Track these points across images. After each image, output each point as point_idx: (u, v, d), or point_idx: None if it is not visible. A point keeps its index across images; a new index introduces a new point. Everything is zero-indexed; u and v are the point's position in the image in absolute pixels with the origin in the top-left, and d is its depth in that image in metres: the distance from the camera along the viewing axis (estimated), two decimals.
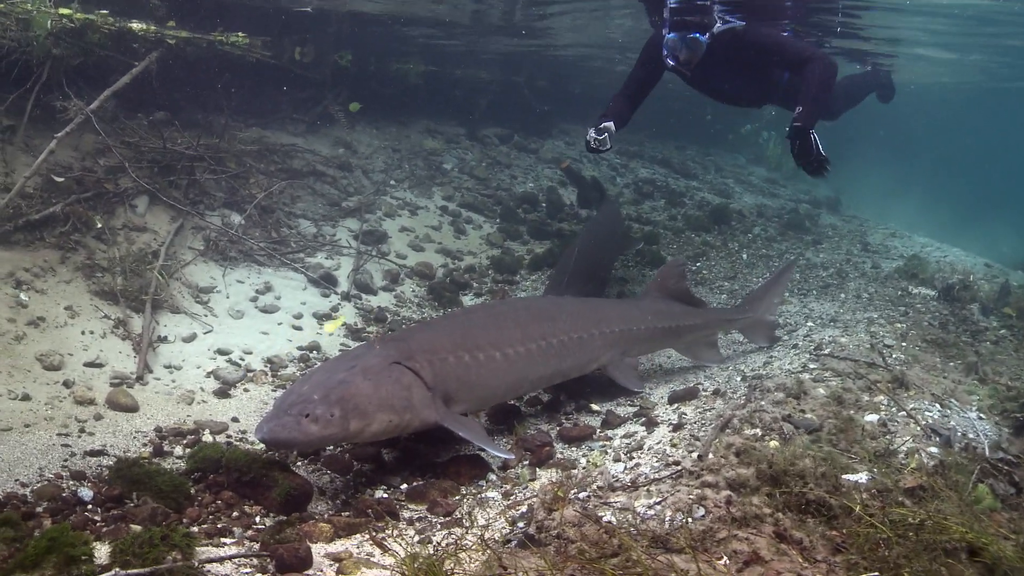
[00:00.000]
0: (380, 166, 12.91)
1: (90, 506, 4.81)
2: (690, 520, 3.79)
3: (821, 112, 7.35)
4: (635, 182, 15.61)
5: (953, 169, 32.65)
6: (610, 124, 7.88)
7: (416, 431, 5.64)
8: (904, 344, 7.45)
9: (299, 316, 8.57)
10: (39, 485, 5.04)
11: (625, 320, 7.18)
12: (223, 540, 4.54)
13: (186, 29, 10.20)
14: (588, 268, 9.07)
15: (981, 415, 5.88)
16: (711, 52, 7.66)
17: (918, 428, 5.38)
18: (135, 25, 9.59)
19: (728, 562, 3.46)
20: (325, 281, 9.25)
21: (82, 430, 5.96)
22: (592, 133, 7.81)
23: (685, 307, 7.70)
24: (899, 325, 8.17)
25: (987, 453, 4.95)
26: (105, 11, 9.32)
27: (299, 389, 5.22)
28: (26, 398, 6.18)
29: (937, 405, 5.89)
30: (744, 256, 12.21)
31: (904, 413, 5.59)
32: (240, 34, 10.64)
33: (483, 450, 5.72)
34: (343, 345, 8.23)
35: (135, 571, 3.69)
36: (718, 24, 7.68)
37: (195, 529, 4.65)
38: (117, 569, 3.70)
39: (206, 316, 8.11)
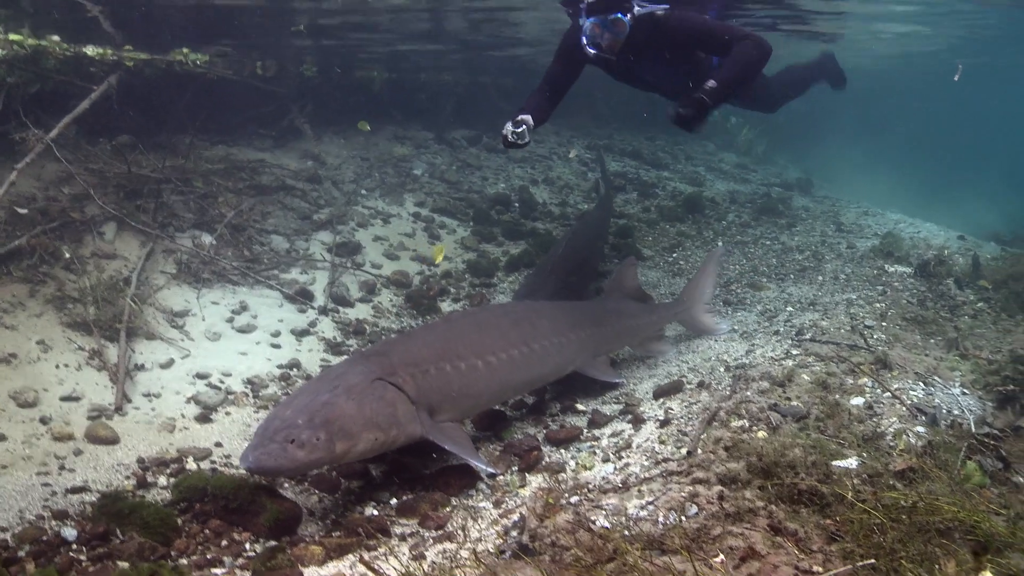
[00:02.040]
0: (350, 176, 12.82)
1: (74, 546, 4.72)
2: (683, 519, 3.77)
3: (729, 95, 6.89)
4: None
5: (921, 143, 32.91)
6: (527, 118, 7.25)
7: (402, 446, 5.57)
8: (884, 324, 7.47)
9: (277, 334, 8.48)
10: (20, 528, 4.94)
11: (595, 321, 7.23)
12: (213, 571, 4.47)
13: (144, 51, 10.08)
14: (576, 261, 9.04)
15: (965, 390, 5.90)
16: (632, 39, 7.18)
17: (904, 408, 5.39)
18: (90, 50, 9.46)
19: (724, 559, 3.43)
20: (301, 296, 9.16)
21: (62, 467, 5.85)
22: (509, 127, 7.20)
23: (640, 304, 7.88)
24: (878, 305, 8.20)
25: (973, 429, 4.96)
26: (56, 37, 9.18)
27: (282, 414, 5.12)
28: (2, 438, 6.05)
29: (921, 383, 5.91)
30: (720, 244, 12.22)
31: (889, 394, 5.60)
32: (185, 49, 10.51)
33: (462, 458, 5.68)
34: (323, 360, 8.16)
35: None
36: (637, 7, 7.13)
37: (184, 561, 4.58)
38: None
39: (182, 340, 8.00)
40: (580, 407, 6.99)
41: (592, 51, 7.24)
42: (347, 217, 11.33)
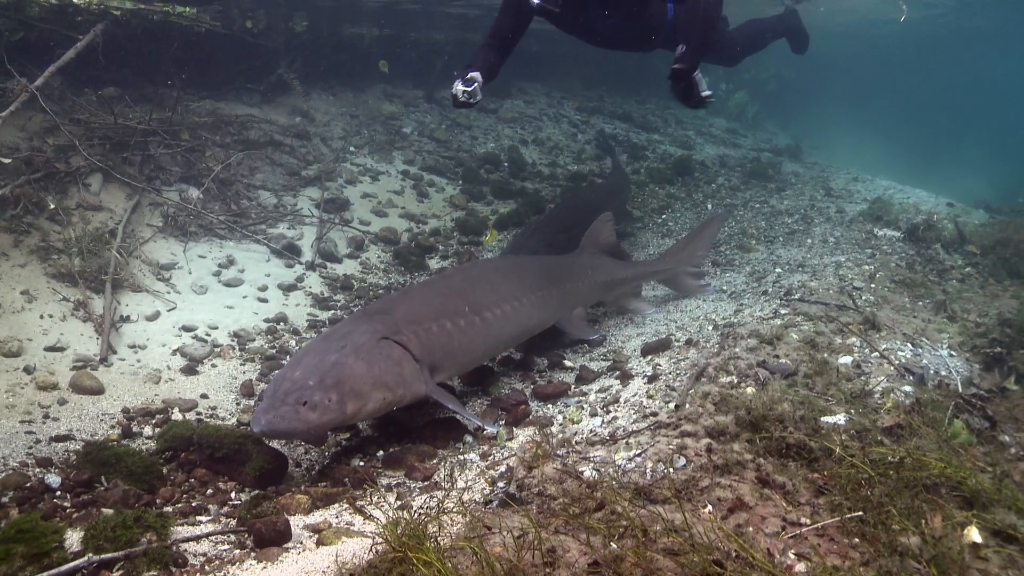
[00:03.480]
0: (339, 133, 12.71)
1: (59, 493, 4.71)
2: (672, 470, 3.76)
3: (704, 52, 6.54)
4: (596, 138, 15.51)
5: (910, 111, 32.87)
6: (477, 75, 6.76)
7: (407, 405, 5.52)
8: (873, 286, 7.47)
9: (264, 288, 8.43)
10: (3, 475, 4.90)
11: (572, 276, 7.24)
12: (198, 518, 4.45)
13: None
14: (569, 221, 8.94)
15: (952, 352, 5.91)
16: None
17: (892, 368, 5.39)
18: None
19: (712, 509, 3.43)
20: (288, 251, 9.10)
21: (46, 416, 5.82)
22: (459, 85, 6.69)
23: (616, 260, 7.83)
24: (867, 267, 8.19)
25: (960, 389, 4.98)
26: None
27: (291, 375, 5.02)
28: None
29: (909, 344, 5.91)
30: (709, 206, 12.18)
31: (877, 354, 5.60)
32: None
33: (456, 414, 5.67)
34: (310, 315, 8.12)
35: (109, 555, 3.60)
36: None
37: (169, 509, 4.56)
38: (90, 555, 3.60)
39: (169, 293, 7.94)
40: (568, 363, 6.99)
41: (535, 2, 6.81)
42: (335, 174, 11.25)
